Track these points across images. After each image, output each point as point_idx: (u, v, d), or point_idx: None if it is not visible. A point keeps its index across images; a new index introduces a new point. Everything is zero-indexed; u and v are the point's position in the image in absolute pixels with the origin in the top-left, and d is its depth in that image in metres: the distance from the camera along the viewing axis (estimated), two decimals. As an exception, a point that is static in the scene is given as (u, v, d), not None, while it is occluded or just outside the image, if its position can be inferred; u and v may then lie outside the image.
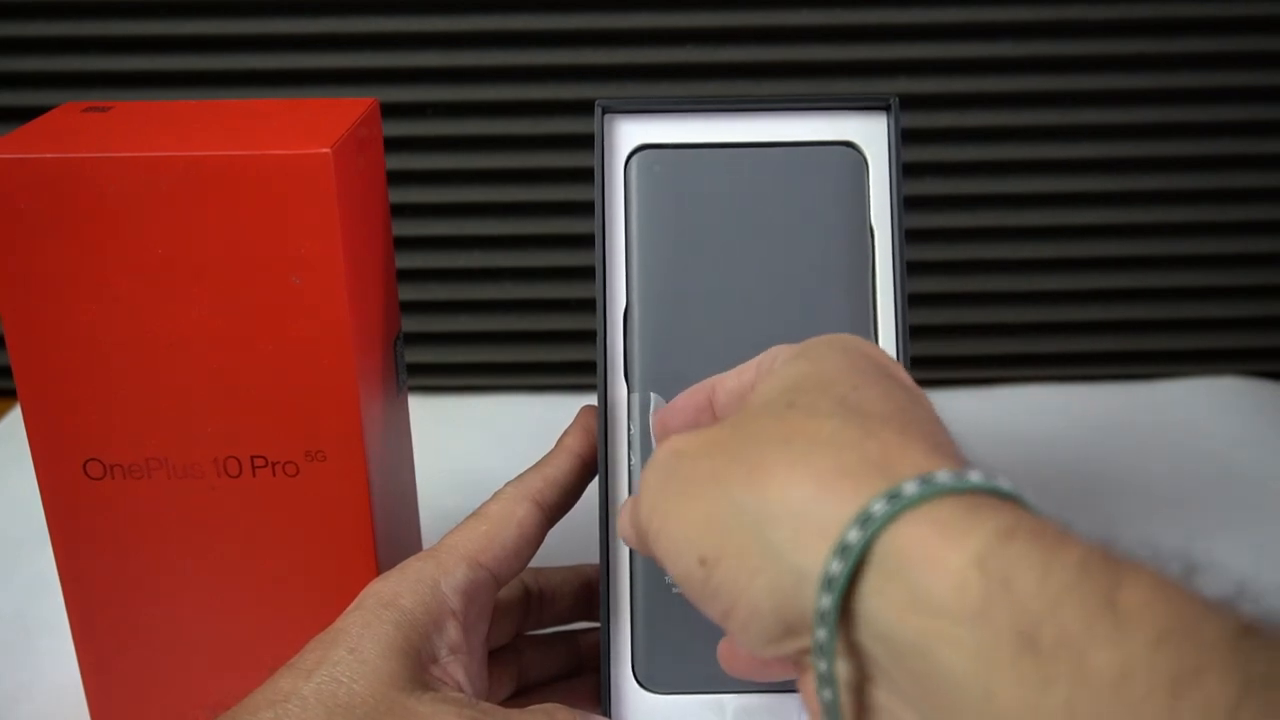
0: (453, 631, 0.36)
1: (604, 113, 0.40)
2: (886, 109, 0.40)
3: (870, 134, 0.40)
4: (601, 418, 0.39)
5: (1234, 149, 0.73)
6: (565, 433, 0.41)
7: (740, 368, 0.34)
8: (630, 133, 0.41)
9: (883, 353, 0.32)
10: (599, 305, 0.40)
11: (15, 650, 0.52)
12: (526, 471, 0.40)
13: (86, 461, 0.41)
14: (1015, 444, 0.69)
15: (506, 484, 0.40)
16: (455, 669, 0.35)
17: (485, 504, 0.39)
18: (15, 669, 0.51)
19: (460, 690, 0.35)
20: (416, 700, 0.33)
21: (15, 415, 0.72)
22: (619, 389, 0.40)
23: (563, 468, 0.40)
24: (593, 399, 0.41)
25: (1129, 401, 0.73)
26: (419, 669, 0.34)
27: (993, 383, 0.76)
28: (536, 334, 0.77)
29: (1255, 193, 0.74)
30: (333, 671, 0.33)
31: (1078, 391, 0.75)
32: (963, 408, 0.73)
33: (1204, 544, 0.65)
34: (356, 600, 0.36)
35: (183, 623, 0.43)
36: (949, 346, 0.77)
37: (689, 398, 0.35)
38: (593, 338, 0.41)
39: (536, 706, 0.36)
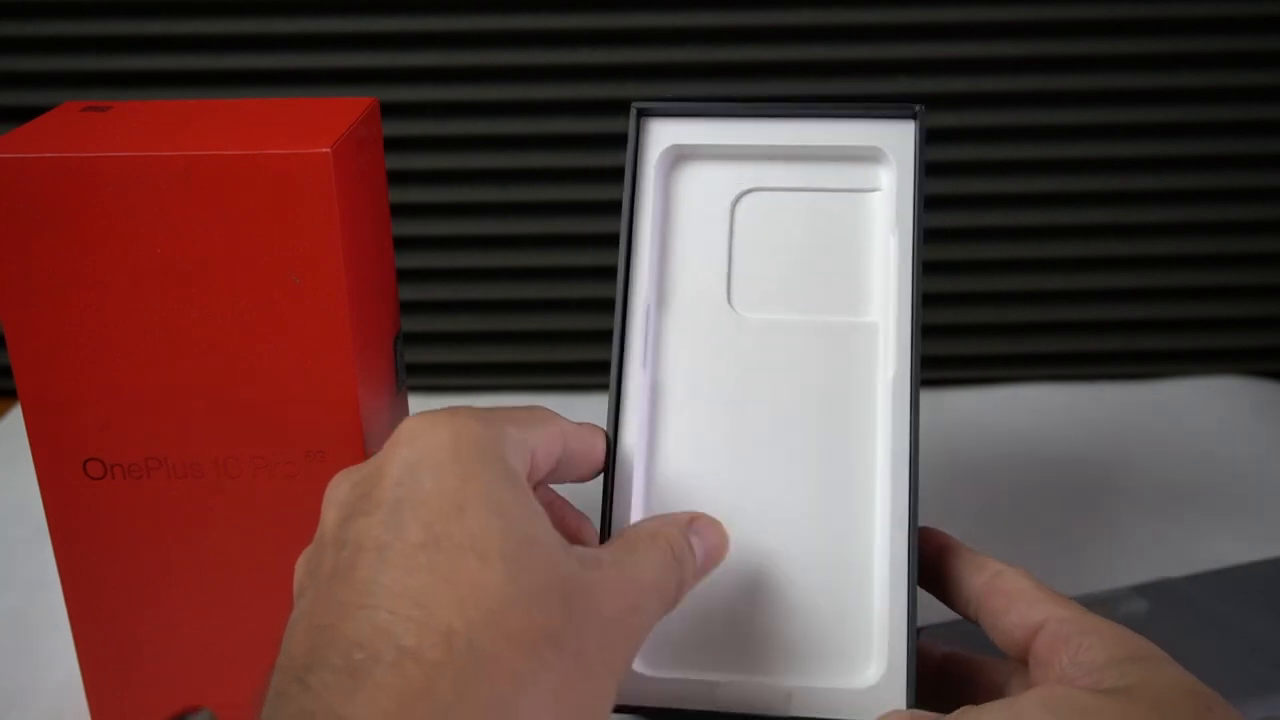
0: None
1: (639, 115, 0.41)
2: (913, 117, 0.41)
3: (897, 139, 0.41)
4: (613, 411, 0.40)
5: (1234, 149, 0.73)
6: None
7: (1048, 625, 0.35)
8: (661, 135, 0.42)
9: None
10: (619, 304, 0.40)
11: (15, 650, 0.52)
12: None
13: (86, 461, 0.41)
14: (1015, 444, 0.69)
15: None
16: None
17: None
18: (15, 669, 0.51)
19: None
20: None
21: (15, 415, 0.72)
22: (633, 383, 0.40)
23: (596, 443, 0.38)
24: (592, 399, 0.41)
25: (1129, 401, 0.73)
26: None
27: (993, 383, 0.76)
28: (536, 334, 0.77)
29: (1255, 193, 0.74)
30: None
31: (1078, 391, 0.75)
32: (963, 408, 0.73)
33: (1204, 544, 0.65)
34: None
35: (183, 622, 0.43)
36: (949, 346, 0.77)
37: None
38: (593, 337, 0.41)
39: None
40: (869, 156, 0.42)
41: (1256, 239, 0.75)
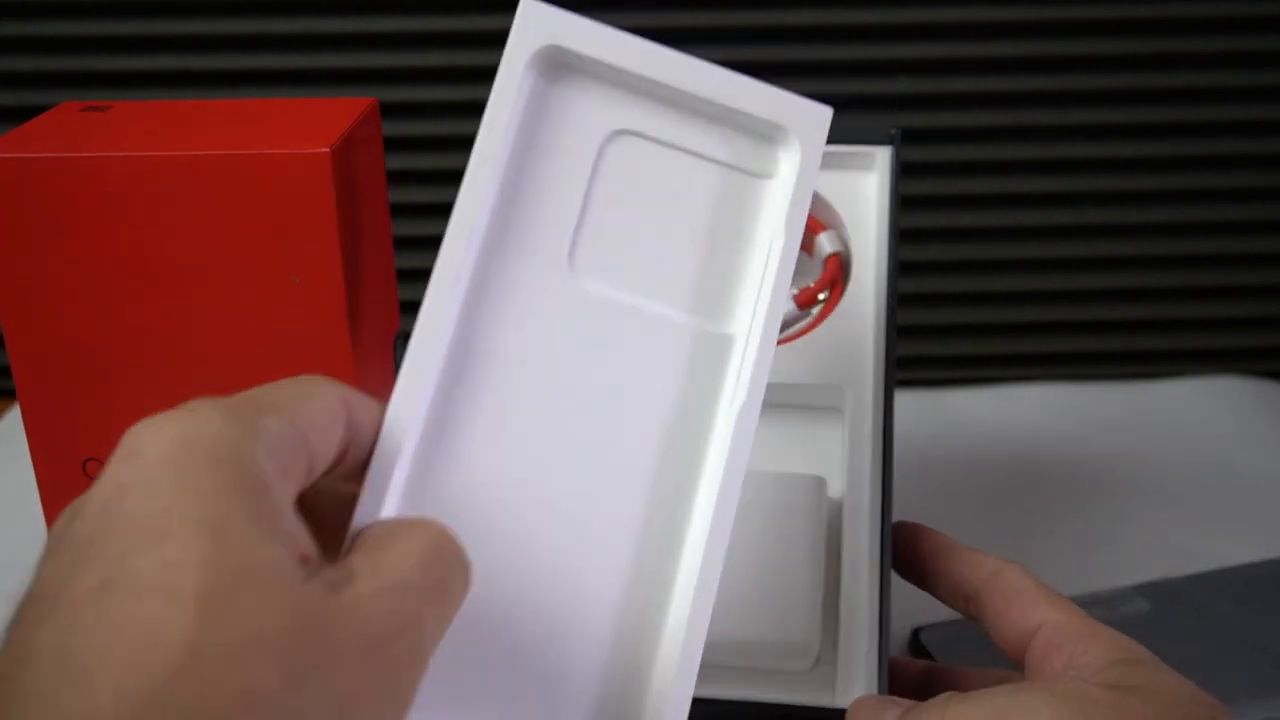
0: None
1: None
2: (890, 142, 0.41)
3: (811, 124, 0.34)
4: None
5: (1234, 149, 0.73)
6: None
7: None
8: (545, 28, 0.33)
9: None
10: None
11: (15, 650, 0.52)
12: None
13: (86, 461, 0.41)
14: (1015, 444, 0.69)
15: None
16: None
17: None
18: (15, 669, 0.51)
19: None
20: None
21: (15, 415, 0.72)
22: (429, 337, 0.34)
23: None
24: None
25: (1129, 401, 0.73)
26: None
27: (993, 382, 0.76)
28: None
29: (1255, 193, 0.74)
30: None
31: (1078, 391, 0.75)
32: (963, 408, 0.73)
33: (1204, 544, 0.65)
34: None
35: (183, 623, 0.43)
36: (949, 346, 0.77)
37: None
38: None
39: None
40: (772, 136, 0.34)
41: (1256, 239, 0.75)
